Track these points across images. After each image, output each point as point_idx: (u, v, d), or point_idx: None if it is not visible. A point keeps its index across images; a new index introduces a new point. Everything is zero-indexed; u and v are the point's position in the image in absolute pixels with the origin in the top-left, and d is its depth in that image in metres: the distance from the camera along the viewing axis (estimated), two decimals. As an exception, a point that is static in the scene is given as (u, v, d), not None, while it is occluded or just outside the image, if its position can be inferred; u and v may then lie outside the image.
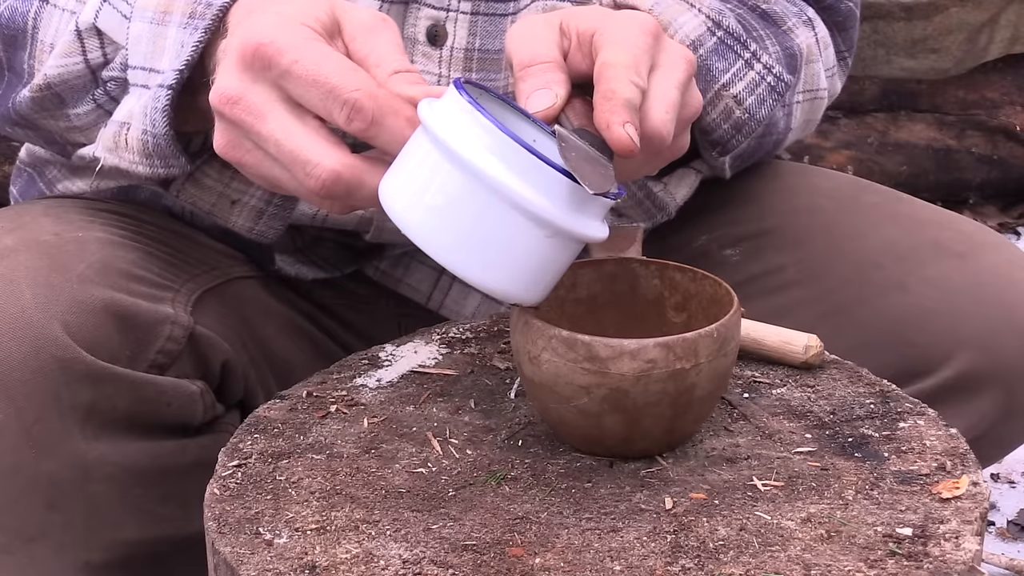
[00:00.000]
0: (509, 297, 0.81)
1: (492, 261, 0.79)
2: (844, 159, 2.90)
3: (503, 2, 1.06)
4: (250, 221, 1.06)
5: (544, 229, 0.78)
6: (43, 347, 0.90)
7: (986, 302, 1.07)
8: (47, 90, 0.99)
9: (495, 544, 0.77)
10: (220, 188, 1.05)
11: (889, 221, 1.16)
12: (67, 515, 0.93)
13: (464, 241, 0.78)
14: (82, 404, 0.92)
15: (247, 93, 0.83)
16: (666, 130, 0.83)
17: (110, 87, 0.97)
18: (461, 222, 0.78)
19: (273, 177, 0.85)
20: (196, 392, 1.00)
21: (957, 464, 0.85)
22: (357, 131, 0.81)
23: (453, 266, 0.79)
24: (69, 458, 0.92)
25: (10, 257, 0.96)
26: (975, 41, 2.84)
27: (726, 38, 1.04)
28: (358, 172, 0.82)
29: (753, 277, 1.16)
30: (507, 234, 0.78)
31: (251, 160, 0.85)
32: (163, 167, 0.94)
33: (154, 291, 1.01)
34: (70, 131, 1.03)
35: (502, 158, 0.77)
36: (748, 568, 0.75)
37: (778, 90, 1.06)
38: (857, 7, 1.21)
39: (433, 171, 0.78)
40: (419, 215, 0.79)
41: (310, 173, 0.81)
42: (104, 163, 0.98)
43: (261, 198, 1.05)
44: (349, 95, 0.80)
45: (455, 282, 1.18)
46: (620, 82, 0.82)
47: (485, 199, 0.77)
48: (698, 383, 0.82)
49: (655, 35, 0.87)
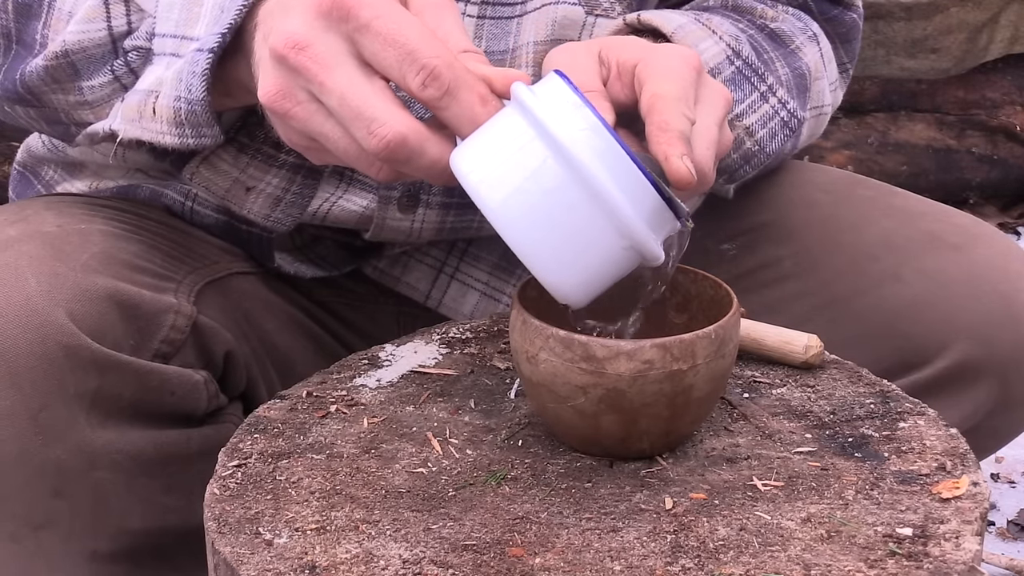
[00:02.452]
0: (562, 295, 0.80)
1: (563, 258, 0.78)
2: (844, 159, 2.90)
3: (509, 5, 1.06)
4: (266, 208, 1.05)
5: (624, 240, 0.78)
6: (48, 334, 0.91)
7: (981, 293, 1.08)
8: (63, 58, 0.97)
9: (495, 544, 0.77)
10: (236, 174, 1.03)
11: (884, 214, 1.17)
12: (74, 503, 0.93)
13: (543, 232, 0.77)
14: (88, 391, 0.92)
15: (317, 41, 0.80)
16: (708, 166, 0.84)
17: (131, 57, 0.96)
18: (546, 213, 0.77)
19: (323, 134, 0.82)
20: (200, 381, 1.00)
21: (957, 464, 0.85)
22: (429, 98, 0.79)
23: (523, 253, 0.78)
24: (75, 445, 0.92)
25: (14, 247, 0.96)
26: (975, 41, 2.84)
27: (744, 68, 1.04)
28: (423, 138, 0.80)
29: (749, 271, 1.17)
30: (588, 236, 0.77)
31: (301, 113, 0.82)
32: (194, 136, 0.92)
33: (157, 281, 1.01)
34: (79, 107, 1.01)
35: (605, 162, 0.76)
36: (748, 568, 0.75)
37: (791, 126, 1.07)
38: (861, 18, 1.21)
39: (530, 158, 0.77)
40: (503, 196, 0.77)
41: (374, 132, 0.79)
42: (123, 135, 0.96)
43: (278, 186, 1.03)
44: (428, 60, 0.78)
45: (453, 281, 1.19)
46: (673, 114, 0.82)
47: (578, 197, 0.77)
48: (696, 384, 0.82)
49: (698, 70, 0.87)
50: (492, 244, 1.18)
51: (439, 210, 1.10)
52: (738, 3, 1.15)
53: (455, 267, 1.18)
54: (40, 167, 1.24)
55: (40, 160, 1.24)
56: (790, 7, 1.17)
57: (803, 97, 1.11)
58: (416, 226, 1.11)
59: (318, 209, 1.10)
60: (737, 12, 1.14)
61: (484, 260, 1.18)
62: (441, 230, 1.12)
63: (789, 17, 1.15)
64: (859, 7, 1.21)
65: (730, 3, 1.15)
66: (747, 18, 1.13)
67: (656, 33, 1.05)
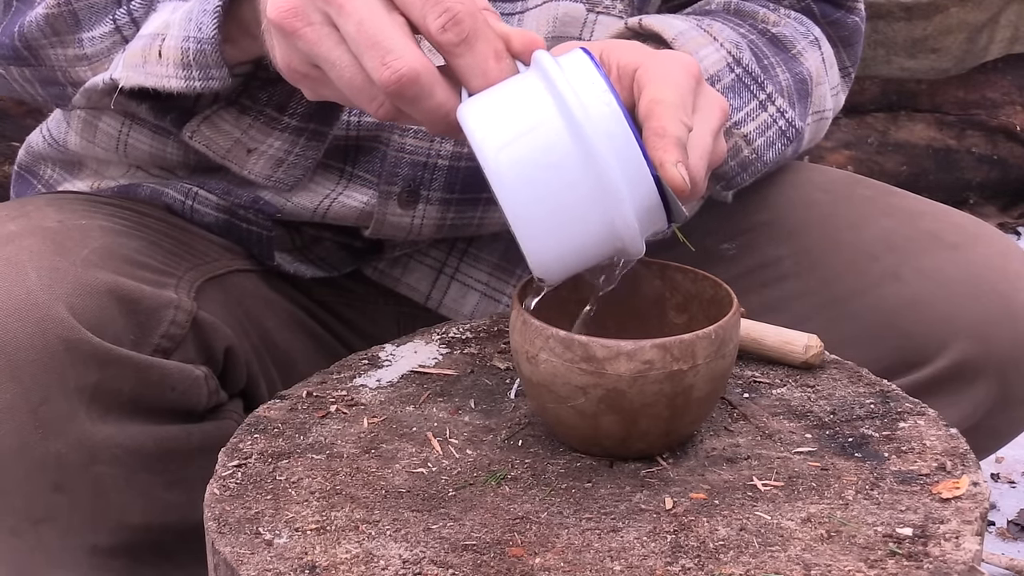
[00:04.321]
0: (540, 267, 0.80)
1: (550, 230, 0.78)
2: (844, 159, 2.90)
3: (510, 2, 1.06)
4: (268, 169, 1.02)
5: (615, 226, 0.78)
6: (49, 328, 0.91)
7: (980, 292, 1.08)
8: (65, 6, 0.96)
9: (495, 544, 0.77)
10: (237, 134, 1.01)
11: (884, 213, 1.17)
12: (74, 497, 0.93)
13: (538, 201, 0.77)
14: (88, 385, 0.92)
15: None
16: (700, 176, 0.84)
17: (134, 6, 0.95)
18: (546, 184, 0.77)
19: (329, 60, 0.80)
20: (200, 377, 1.00)
21: (957, 464, 0.85)
22: (446, 43, 0.78)
23: (514, 216, 0.78)
24: (75, 439, 0.92)
25: (15, 242, 0.97)
26: (975, 41, 2.84)
27: (744, 76, 1.04)
28: (434, 80, 0.79)
29: (749, 270, 1.17)
30: (580, 215, 0.78)
31: (311, 34, 0.80)
32: (201, 78, 0.91)
33: (157, 277, 1.01)
34: (77, 62, 1.00)
35: (617, 149, 0.76)
36: (748, 568, 0.75)
37: (788, 135, 1.07)
38: (863, 21, 1.21)
39: (542, 125, 0.77)
40: (508, 158, 0.77)
41: (388, 63, 0.77)
42: (125, 83, 0.94)
43: (280, 148, 1.01)
44: (452, 4, 0.78)
45: (453, 281, 1.19)
46: (671, 120, 0.82)
47: (582, 176, 0.77)
48: (696, 384, 0.82)
49: (697, 78, 0.87)
50: (492, 244, 1.18)
51: (439, 206, 1.10)
52: (740, 7, 1.15)
53: (455, 268, 1.18)
54: (40, 167, 1.24)
55: (40, 158, 1.24)
56: (792, 11, 1.17)
57: (804, 104, 1.11)
58: (416, 223, 1.11)
59: (318, 206, 1.10)
60: (738, 16, 1.14)
61: (484, 261, 1.19)
62: (441, 227, 1.12)
63: (791, 21, 1.15)
64: (861, 11, 1.21)
65: (732, 7, 1.15)
66: (748, 22, 1.13)
67: (657, 39, 1.05)
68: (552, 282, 0.82)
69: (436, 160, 1.09)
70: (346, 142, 1.09)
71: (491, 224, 1.14)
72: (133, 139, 1.13)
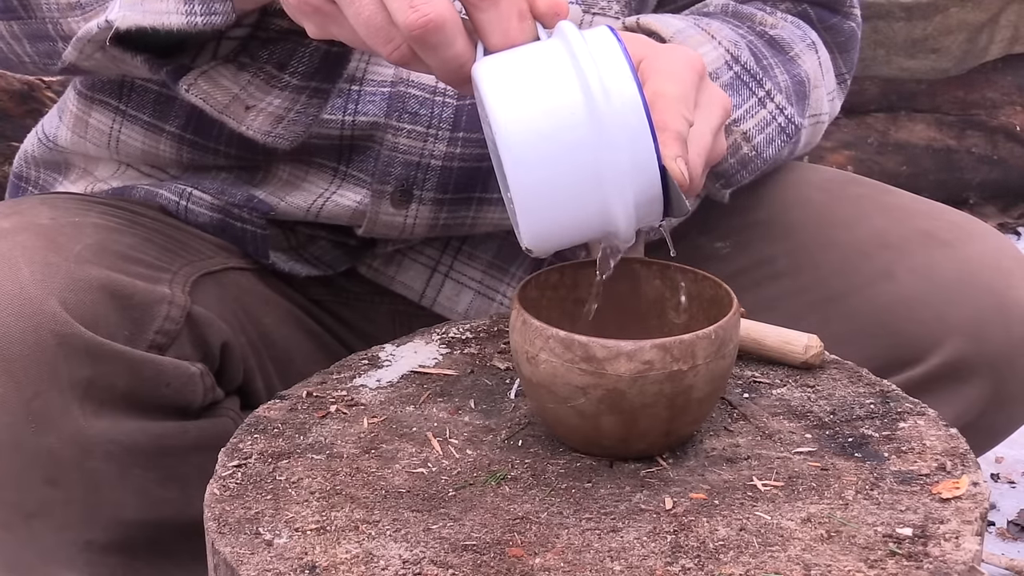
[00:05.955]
0: (529, 236, 0.80)
1: (551, 204, 0.78)
2: (844, 159, 2.90)
3: None
4: (267, 125, 1.00)
5: (613, 209, 0.78)
6: (42, 323, 0.91)
7: (974, 290, 1.08)
8: None
9: (495, 544, 0.77)
10: (235, 90, 0.99)
11: (878, 211, 1.17)
12: (67, 492, 0.93)
13: (544, 173, 0.77)
14: (81, 380, 0.92)
15: None
16: (697, 172, 0.84)
17: None
18: (552, 155, 0.77)
19: None
20: (196, 373, 1.00)
21: (957, 464, 0.85)
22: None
23: (516, 185, 0.77)
24: (68, 434, 0.92)
25: (8, 238, 0.97)
26: (975, 41, 2.84)
27: (742, 73, 1.04)
28: (458, 30, 0.78)
29: (743, 269, 1.17)
30: (584, 192, 0.77)
31: None
32: (203, 13, 0.89)
33: (151, 272, 1.01)
34: (70, 11, 0.98)
35: (630, 135, 0.76)
36: (748, 568, 0.75)
37: (788, 132, 1.07)
38: (860, 27, 1.21)
39: (561, 100, 0.76)
40: (519, 124, 0.77)
41: (416, 6, 0.76)
42: (121, 24, 0.92)
43: (280, 106, 0.99)
44: None
45: (447, 279, 1.19)
46: (672, 114, 0.82)
47: (590, 155, 0.76)
48: (696, 385, 0.82)
49: (701, 74, 0.87)
50: (486, 243, 1.18)
51: (432, 206, 1.10)
52: (738, 9, 1.15)
53: (449, 266, 1.18)
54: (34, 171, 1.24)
55: (34, 163, 1.24)
56: (789, 15, 1.17)
57: (802, 104, 1.11)
58: (409, 222, 1.11)
59: (311, 205, 1.10)
60: (737, 18, 1.14)
61: (478, 259, 1.18)
62: (434, 226, 1.12)
63: (788, 25, 1.15)
64: (858, 16, 1.21)
65: (730, 9, 1.15)
66: (746, 24, 1.13)
67: (655, 37, 1.05)
68: (539, 254, 0.82)
69: (429, 160, 1.09)
70: (340, 141, 1.09)
71: (484, 224, 1.14)
72: (125, 135, 1.13)
